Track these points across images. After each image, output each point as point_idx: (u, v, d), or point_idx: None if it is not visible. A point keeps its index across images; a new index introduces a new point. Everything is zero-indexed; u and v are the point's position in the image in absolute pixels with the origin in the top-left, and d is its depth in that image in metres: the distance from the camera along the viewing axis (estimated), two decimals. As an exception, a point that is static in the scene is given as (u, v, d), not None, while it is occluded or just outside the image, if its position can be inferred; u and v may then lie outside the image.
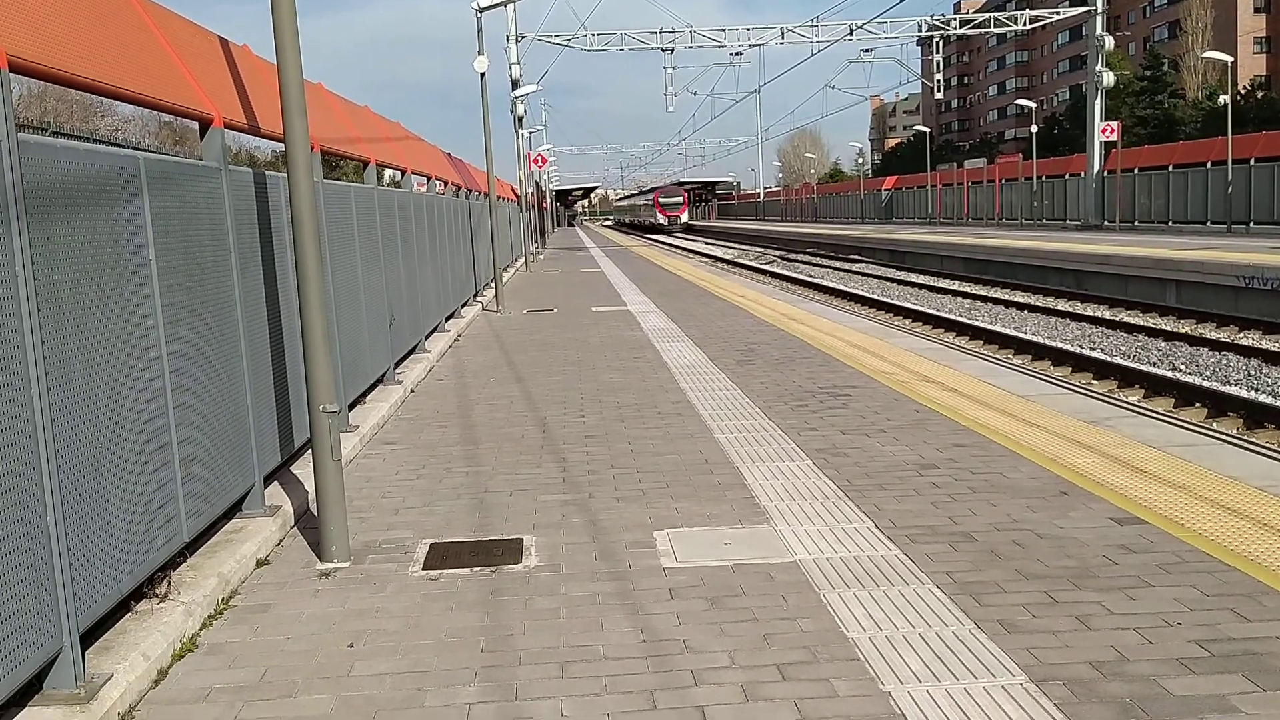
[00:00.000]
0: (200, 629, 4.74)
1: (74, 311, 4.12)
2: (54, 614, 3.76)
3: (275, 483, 6.77)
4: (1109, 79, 43.18)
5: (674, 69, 51.52)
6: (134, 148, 5.84)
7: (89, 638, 4.18)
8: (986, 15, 50.10)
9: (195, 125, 6.14)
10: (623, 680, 4.07)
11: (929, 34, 47.96)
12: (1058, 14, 48.19)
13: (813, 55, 47.23)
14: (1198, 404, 11.95)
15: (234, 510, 6.01)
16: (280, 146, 5.92)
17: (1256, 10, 79.83)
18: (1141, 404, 11.02)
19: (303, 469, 7.04)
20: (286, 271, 7.04)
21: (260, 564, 5.62)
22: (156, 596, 4.73)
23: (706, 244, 66.73)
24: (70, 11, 4.71)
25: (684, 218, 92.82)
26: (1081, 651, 4.15)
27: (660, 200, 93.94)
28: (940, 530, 5.68)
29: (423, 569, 5.43)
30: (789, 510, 6.15)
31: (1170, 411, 11.07)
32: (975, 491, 6.38)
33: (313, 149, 7.57)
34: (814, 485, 6.66)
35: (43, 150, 4.01)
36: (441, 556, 5.61)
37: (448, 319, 16.32)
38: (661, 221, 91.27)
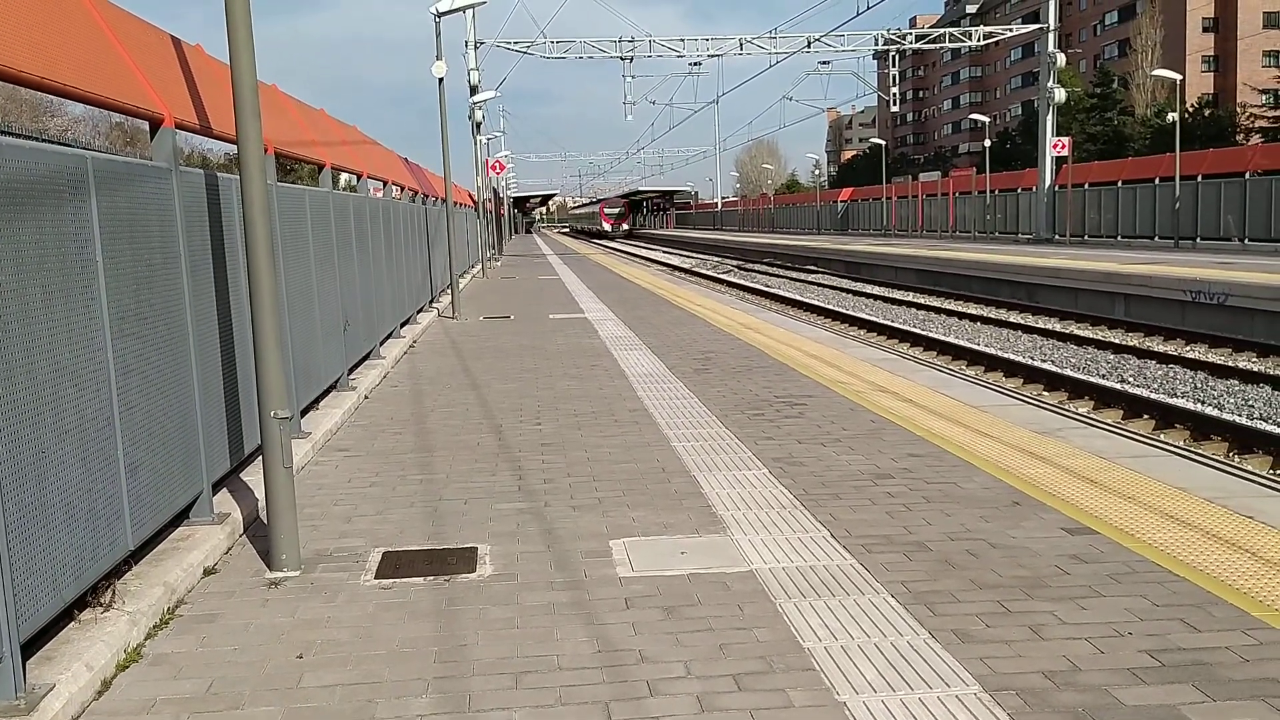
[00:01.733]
0: (145, 639, 4.63)
1: (17, 313, 4.02)
2: (-8, 624, 3.66)
3: (225, 490, 6.65)
4: (1060, 95, 43.87)
5: (633, 78, 51.70)
6: (84, 148, 5.73)
7: (30, 647, 4.07)
8: (942, 30, 50.71)
9: (146, 125, 6.03)
10: (577, 691, 4.03)
11: (885, 48, 48.46)
12: (1011, 30, 48.92)
13: (771, 67, 47.48)
14: (1146, 415, 12.14)
15: (181, 517, 5.89)
16: (234, 149, 5.83)
17: (1205, 30, 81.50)
18: (1091, 415, 11.16)
19: (253, 476, 6.93)
20: (238, 275, 6.93)
21: (208, 573, 5.51)
22: (101, 605, 4.63)
23: (664, 252, 66.85)
24: (18, 8, 4.60)
25: (625, 225, 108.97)
26: (1034, 661, 4.17)
27: (605, 210, 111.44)
28: (895, 540, 5.70)
29: (375, 578, 5.35)
30: (745, 519, 6.14)
31: (1119, 423, 11.23)
32: (930, 501, 6.41)
33: (266, 151, 7.48)
34: (770, 494, 6.66)
35: (-14, 147, 3.90)
36: (394, 565, 5.53)
37: (403, 325, 16.18)
38: (606, 228, 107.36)
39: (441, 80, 21.09)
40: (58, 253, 4.41)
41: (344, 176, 13.79)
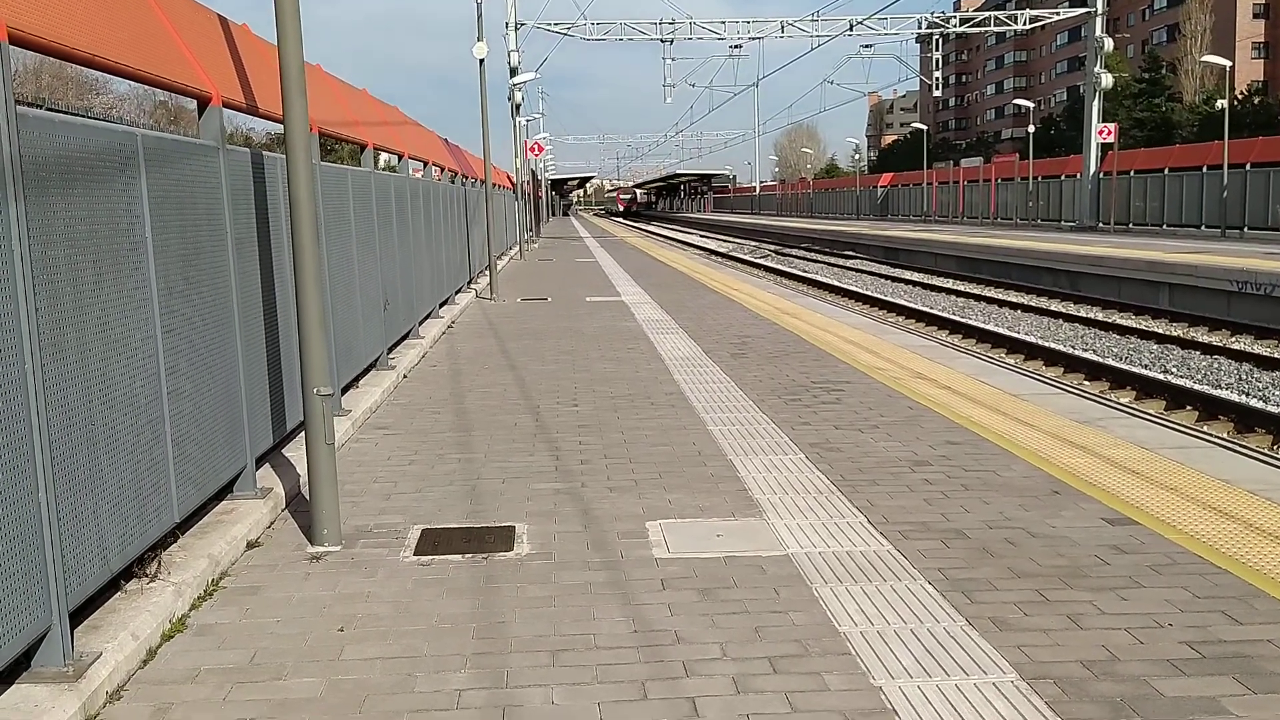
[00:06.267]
0: (190, 610, 4.72)
1: (69, 288, 4.09)
2: (43, 591, 3.74)
3: (267, 465, 6.75)
4: (1107, 81, 43.20)
5: (673, 60, 51.54)
6: (130, 125, 5.83)
7: (78, 616, 4.16)
8: (986, 14, 50.09)
9: (192, 104, 6.09)
10: (614, 670, 4.06)
11: (928, 31, 47.98)
12: (1057, 14, 48.21)
13: (812, 50, 46.90)
14: (1189, 406, 11.98)
15: (225, 491, 5.98)
16: (276, 128, 5.89)
17: (1255, 15, 79.97)
18: (1133, 405, 11.03)
19: (295, 452, 7.02)
20: (282, 253, 7.00)
21: (251, 546, 5.60)
22: (146, 576, 4.72)
23: (701, 236, 66.69)
24: (70, -15, 4.66)
25: (633, 208, 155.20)
26: (1072, 650, 4.15)
27: (620, 196, 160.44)
28: (933, 527, 5.68)
29: (414, 554, 5.42)
30: (782, 503, 6.14)
31: (1162, 413, 11.10)
32: (968, 489, 6.38)
33: (311, 131, 7.54)
34: (807, 479, 6.66)
35: (41, 124, 3.97)
36: (433, 542, 5.59)
37: (442, 305, 16.28)
38: (620, 209, 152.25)
39: (482, 62, 21.14)
40: (108, 228, 4.48)
41: (385, 156, 13.87)
